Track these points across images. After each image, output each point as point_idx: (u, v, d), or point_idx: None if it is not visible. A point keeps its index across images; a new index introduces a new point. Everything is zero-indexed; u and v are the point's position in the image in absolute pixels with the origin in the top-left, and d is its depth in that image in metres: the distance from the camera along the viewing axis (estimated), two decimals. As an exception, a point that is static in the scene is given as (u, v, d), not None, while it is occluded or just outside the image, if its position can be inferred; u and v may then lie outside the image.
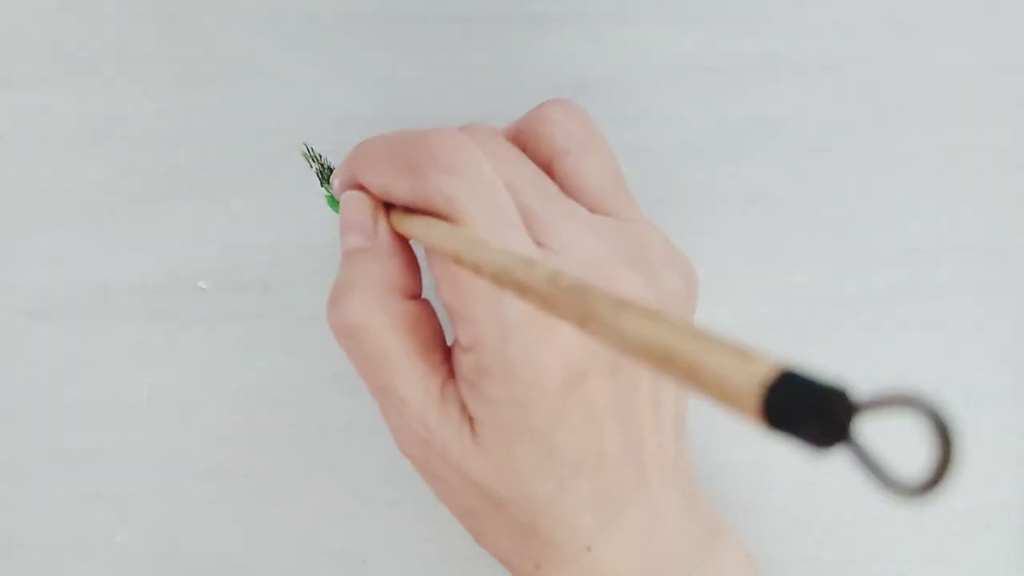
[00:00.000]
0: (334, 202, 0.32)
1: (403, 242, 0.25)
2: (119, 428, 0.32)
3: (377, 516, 0.32)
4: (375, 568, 0.32)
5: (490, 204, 0.23)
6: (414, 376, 0.24)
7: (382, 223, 0.25)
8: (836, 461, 0.32)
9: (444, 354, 0.25)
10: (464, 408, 0.24)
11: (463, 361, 0.24)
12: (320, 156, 0.32)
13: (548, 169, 0.26)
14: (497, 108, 0.32)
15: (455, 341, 0.25)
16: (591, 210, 0.26)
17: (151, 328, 0.32)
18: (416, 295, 0.26)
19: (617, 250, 0.25)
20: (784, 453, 0.32)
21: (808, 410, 0.13)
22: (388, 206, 0.26)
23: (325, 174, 0.32)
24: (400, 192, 0.25)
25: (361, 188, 0.26)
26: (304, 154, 0.32)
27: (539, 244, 0.24)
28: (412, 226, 0.24)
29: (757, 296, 0.32)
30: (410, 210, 0.25)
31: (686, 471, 0.27)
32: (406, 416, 0.25)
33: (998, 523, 0.31)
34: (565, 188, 0.26)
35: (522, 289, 0.19)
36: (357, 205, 0.26)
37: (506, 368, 0.23)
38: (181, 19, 0.32)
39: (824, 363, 0.32)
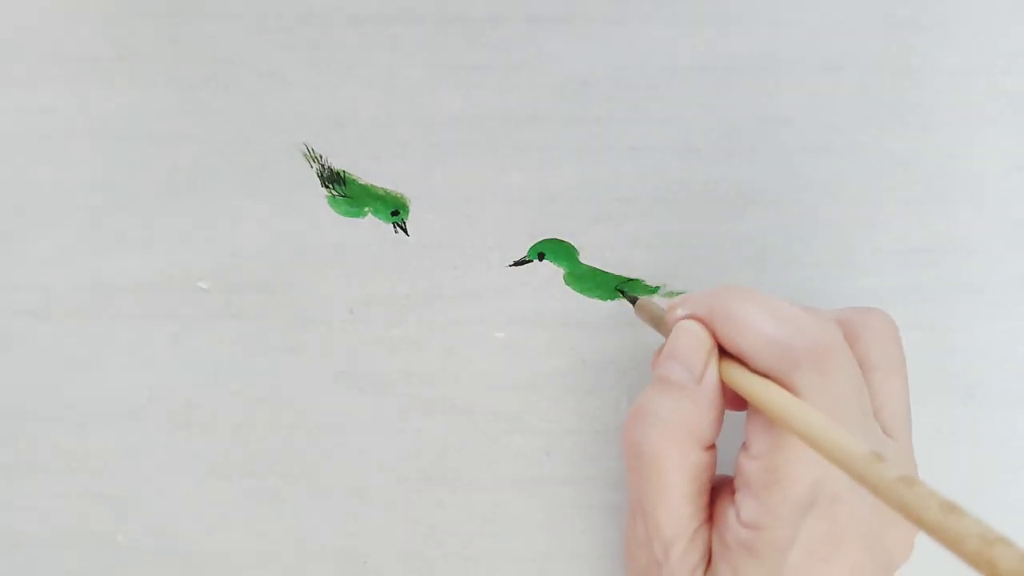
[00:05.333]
0: (335, 202, 0.32)
1: (723, 392, 0.25)
2: (119, 428, 0.32)
3: (377, 516, 0.32)
4: (375, 568, 0.32)
5: (833, 411, 0.24)
6: (678, 515, 0.25)
7: (713, 370, 0.25)
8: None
9: (709, 498, 0.26)
10: (707, 554, 0.25)
11: (734, 527, 0.25)
12: (320, 156, 0.32)
13: None
14: (497, 108, 0.32)
15: (736, 503, 0.25)
16: (881, 427, 0.27)
17: (151, 328, 0.32)
18: (711, 445, 0.26)
19: None
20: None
21: None
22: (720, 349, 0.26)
23: (325, 174, 0.32)
24: (761, 362, 0.24)
25: (700, 320, 0.26)
26: (304, 154, 0.32)
27: None
28: (751, 386, 0.24)
29: (757, 296, 0.32)
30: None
31: None
32: (648, 540, 0.26)
33: (998, 523, 0.31)
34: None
35: (859, 476, 0.20)
36: (695, 341, 0.25)
37: (775, 564, 0.24)
38: (181, 19, 0.32)
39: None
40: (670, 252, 0.32)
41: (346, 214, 0.32)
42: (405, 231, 0.32)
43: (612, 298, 0.32)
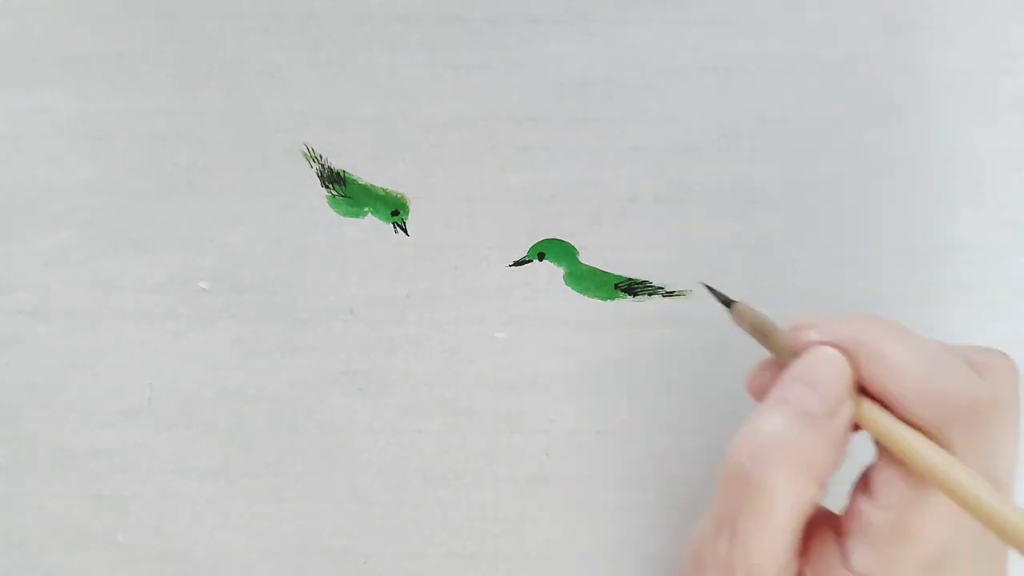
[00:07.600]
0: (335, 202, 0.32)
1: (852, 432, 0.24)
2: (119, 428, 0.32)
3: (377, 516, 0.32)
4: (375, 568, 0.32)
5: (982, 469, 0.23)
6: (774, 546, 0.24)
7: (848, 408, 0.24)
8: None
9: (798, 538, 0.24)
10: None
11: (838, 571, 0.23)
12: (320, 156, 0.32)
13: None
14: (497, 108, 0.32)
15: (845, 547, 0.24)
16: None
17: (151, 328, 0.32)
18: (826, 484, 0.24)
19: None
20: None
21: None
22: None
23: (325, 174, 0.32)
24: (911, 410, 0.23)
25: (841, 349, 0.24)
26: (304, 154, 0.32)
27: None
28: (898, 435, 0.23)
29: (757, 296, 0.32)
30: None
31: None
32: (729, 559, 0.24)
33: (998, 523, 0.31)
34: None
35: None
36: (836, 373, 0.24)
37: None
38: (181, 19, 0.32)
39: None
40: (670, 252, 0.32)
41: (346, 214, 0.32)
42: (405, 231, 0.32)
43: (612, 298, 0.32)
